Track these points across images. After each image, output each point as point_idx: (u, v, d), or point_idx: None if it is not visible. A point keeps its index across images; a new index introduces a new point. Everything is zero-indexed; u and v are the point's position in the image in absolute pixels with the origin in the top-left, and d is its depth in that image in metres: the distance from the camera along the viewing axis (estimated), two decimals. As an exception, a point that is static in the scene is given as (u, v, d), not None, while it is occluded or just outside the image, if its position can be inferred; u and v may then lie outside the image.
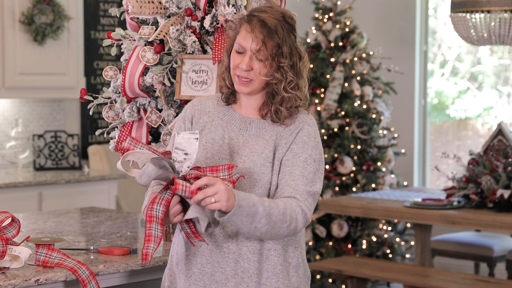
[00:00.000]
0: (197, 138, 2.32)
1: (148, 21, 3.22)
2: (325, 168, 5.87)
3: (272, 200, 2.39)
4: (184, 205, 2.36)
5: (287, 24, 2.46)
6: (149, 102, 3.21)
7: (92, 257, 2.90)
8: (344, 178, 6.56)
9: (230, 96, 2.57)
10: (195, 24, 3.12)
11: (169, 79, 3.13)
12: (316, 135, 2.52)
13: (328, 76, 6.63)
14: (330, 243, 6.50)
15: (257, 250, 2.46)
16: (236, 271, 2.45)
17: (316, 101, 6.64)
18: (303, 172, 2.46)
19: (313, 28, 6.86)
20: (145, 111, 3.20)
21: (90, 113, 3.30)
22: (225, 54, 2.56)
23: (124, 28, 3.34)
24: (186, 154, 2.31)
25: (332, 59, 6.65)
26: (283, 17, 2.46)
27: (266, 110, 2.52)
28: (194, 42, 3.09)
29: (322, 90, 6.67)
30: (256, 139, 2.50)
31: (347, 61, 6.62)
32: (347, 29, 6.75)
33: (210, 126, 2.54)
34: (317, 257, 6.51)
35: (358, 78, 6.65)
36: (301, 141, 2.49)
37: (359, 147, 6.57)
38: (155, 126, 3.18)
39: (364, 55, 6.67)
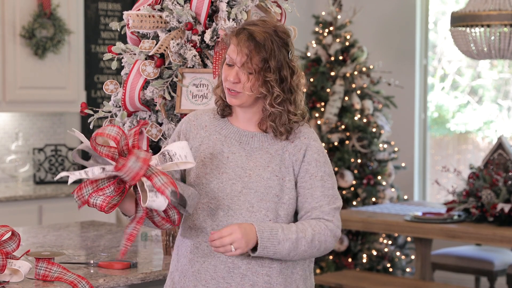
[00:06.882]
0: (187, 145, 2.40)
1: (148, 35, 3.23)
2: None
3: (300, 228, 2.44)
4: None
5: (279, 38, 2.43)
6: (150, 116, 3.21)
7: (92, 271, 2.89)
8: (344, 192, 6.55)
9: (225, 108, 2.56)
10: (196, 38, 3.13)
11: (169, 93, 3.13)
12: (323, 149, 2.53)
13: (328, 90, 6.63)
14: (330, 257, 6.49)
15: (267, 263, 2.45)
16: (244, 286, 2.44)
17: (317, 115, 6.64)
18: (324, 192, 2.49)
19: (313, 42, 6.87)
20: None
21: (91, 127, 3.29)
22: (221, 67, 2.56)
23: (125, 42, 3.34)
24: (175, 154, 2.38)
25: (332, 73, 6.66)
26: (274, 31, 2.43)
27: (266, 125, 2.50)
28: (195, 56, 3.10)
29: (322, 104, 6.68)
30: (260, 153, 2.48)
31: (347, 75, 6.63)
32: (347, 43, 6.76)
33: (208, 141, 2.53)
34: (318, 271, 6.50)
35: (358, 92, 6.65)
36: (313, 160, 2.50)
37: (359, 161, 6.56)
38: (156, 140, 3.18)
39: (364, 69, 6.67)
